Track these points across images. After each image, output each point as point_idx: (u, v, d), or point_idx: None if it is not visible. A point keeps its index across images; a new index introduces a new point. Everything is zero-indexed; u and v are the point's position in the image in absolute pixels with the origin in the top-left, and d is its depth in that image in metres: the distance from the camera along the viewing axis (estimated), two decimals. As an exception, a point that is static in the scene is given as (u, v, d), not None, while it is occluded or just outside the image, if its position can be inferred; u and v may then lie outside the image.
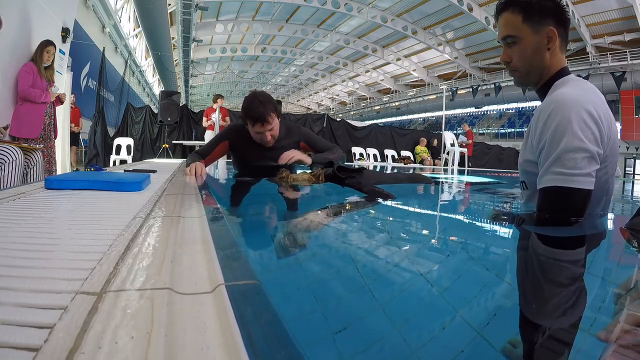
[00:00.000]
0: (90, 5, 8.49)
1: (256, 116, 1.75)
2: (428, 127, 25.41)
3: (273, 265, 0.55)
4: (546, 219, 0.90)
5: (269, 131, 1.80)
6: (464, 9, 14.92)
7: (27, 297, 0.32)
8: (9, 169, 1.85)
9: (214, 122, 6.08)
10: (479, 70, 21.62)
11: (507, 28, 0.99)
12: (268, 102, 1.77)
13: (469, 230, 0.98)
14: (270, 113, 1.77)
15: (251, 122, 1.78)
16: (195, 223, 0.64)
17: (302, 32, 19.52)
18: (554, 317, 0.40)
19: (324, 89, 31.12)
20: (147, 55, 15.09)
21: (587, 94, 0.91)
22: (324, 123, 8.52)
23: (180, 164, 2.79)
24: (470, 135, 9.44)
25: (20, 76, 2.80)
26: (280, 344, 0.28)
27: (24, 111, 2.84)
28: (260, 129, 1.78)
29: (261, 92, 1.85)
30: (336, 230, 0.82)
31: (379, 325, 0.38)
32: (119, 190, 1.01)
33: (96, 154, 6.23)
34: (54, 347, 0.24)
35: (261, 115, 1.75)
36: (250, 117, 1.77)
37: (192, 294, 0.33)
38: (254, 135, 1.83)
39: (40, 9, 3.18)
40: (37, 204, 0.79)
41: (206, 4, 12.44)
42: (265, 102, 1.76)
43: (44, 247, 0.47)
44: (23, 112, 2.83)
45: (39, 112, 2.94)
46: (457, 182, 3.05)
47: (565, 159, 0.85)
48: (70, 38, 3.78)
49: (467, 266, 0.62)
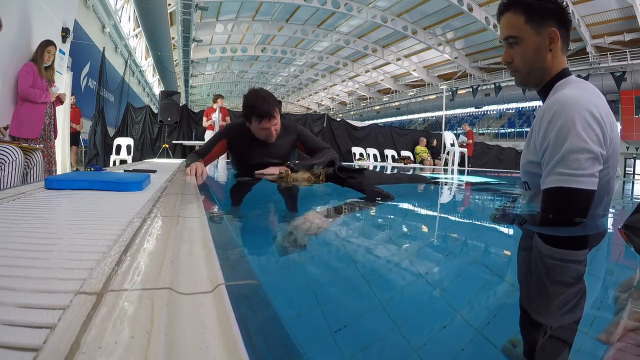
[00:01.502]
0: (90, 5, 8.49)
1: (262, 112, 1.78)
2: (428, 127, 25.40)
3: (273, 265, 0.55)
4: (549, 219, 0.90)
5: (273, 126, 1.83)
6: (464, 9, 14.91)
7: (27, 297, 0.32)
8: (9, 169, 1.85)
9: (214, 122, 6.08)
10: (479, 70, 21.61)
11: (509, 28, 0.99)
12: (270, 97, 1.81)
13: (469, 230, 0.98)
14: (275, 108, 1.81)
15: (257, 119, 1.80)
16: (195, 223, 0.64)
17: (302, 32, 19.50)
18: (555, 317, 0.40)
19: (324, 89, 31.11)
20: (147, 55, 15.09)
21: (589, 95, 0.92)
22: (324, 123, 8.52)
23: (180, 164, 2.79)
24: (471, 135, 9.44)
25: (21, 76, 2.80)
26: (280, 343, 0.28)
27: (24, 111, 2.83)
28: (267, 124, 1.81)
29: (261, 88, 1.88)
30: (336, 231, 0.82)
31: (379, 325, 0.38)
32: (119, 190, 1.01)
33: (96, 154, 6.23)
34: (54, 347, 0.24)
35: (267, 111, 1.78)
36: (256, 114, 1.79)
37: (192, 293, 0.33)
38: (258, 132, 1.85)
39: (40, 9, 3.18)
40: (37, 204, 0.79)
41: (206, 4, 12.44)
42: (268, 98, 1.80)
43: (44, 247, 0.47)
44: (23, 112, 2.83)
45: (39, 112, 2.94)
46: (457, 182, 3.05)
47: (569, 159, 0.86)
48: (70, 38, 3.78)
49: (467, 266, 0.62)
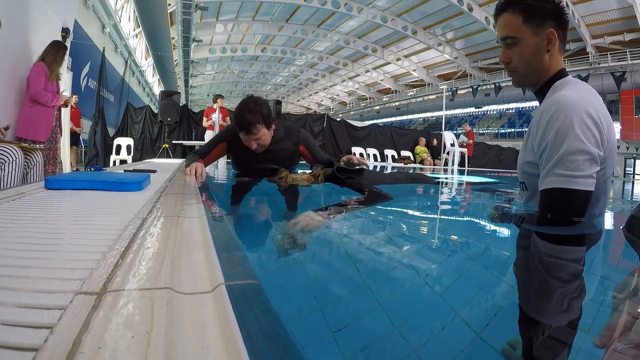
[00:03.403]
0: (90, 5, 8.49)
1: (240, 124, 1.71)
2: (428, 127, 25.39)
3: (273, 265, 0.56)
4: (546, 218, 0.90)
5: (255, 140, 1.74)
6: (464, 9, 14.91)
7: (27, 297, 0.32)
8: (9, 169, 1.85)
9: (214, 122, 6.09)
10: (479, 70, 21.61)
11: (506, 29, 1.00)
12: (257, 111, 1.69)
13: (468, 230, 0.98)
14: (256, 125, 1.69)
15: (237, 129, 1.75)
16: (195, 223, 0.64)
17: (302, 32, 19.50)
18: (554, 317, 0.40)
19: (324, 89, 31.10)
20: (147, 55, 15.08)
21: (587, 96, 0.92)
22: (324, 123, 8.52)
23: (180, 164, 2.79)
24: (471, 135, 9.43)
25: (32, 78, 2.72)
26: (280, 343, 0.28)
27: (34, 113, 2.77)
28: (244, 137, 1.74)
29: (255, 99, 1.76)
30: (335, 231, 0.82)
31: (379, 325, 0.38)
32: (119, 190, 1.01)
33: (96, 154, 6.23)
34: (54, 347, 0.24)
35: (245, 124, 1.69)
36: (236, 124, 1.75)
37: (192, 293, 0.33)
38: (243, 140, 1.78)
39: (40, 9, 3.18)
40: (37, 204, 0.79)
41: (206, 4, 12.44)
42: (254, 111, 1.68)
43: (44, 247, 0.47)
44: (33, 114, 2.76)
45: (48, 115, 2.88)
46: (457, 182, 3.05)
47: (568, 160, 0.86)
48: (70, 38, 3.77)
49: (466, 266, 0.62)
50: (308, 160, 2.04)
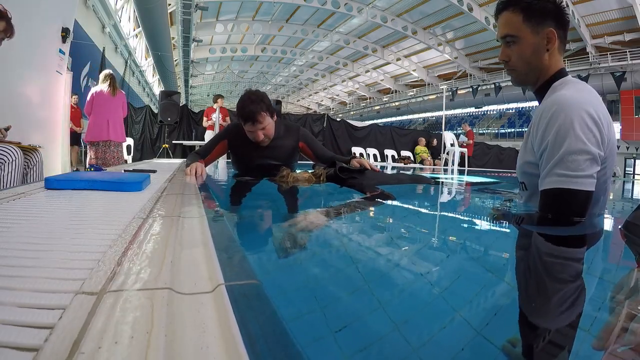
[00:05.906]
0: (90, 5, 8.48)
1: (245, 115, 1.75)
2: (428, 127, 25.40)
3: (273, 265, 0.55)
4: (547, 218, 0.90)
5: (261, 130, 1.79)
6: (464, 9, 14.91)
7: (27, 297, 0.32)
8: (8, 169, 1.85)
9: (214, 122, 6.08)
10: (479, 70, 21.61)
11: (506, 27, 1.00)
12: (260, 101, 1.76)
13: (468, 230, 0.98)
14: (261, 112, 1.75)
15: (242, 121, 1.79)
16: (195, 223, 0.64)
17: (302, 32, 19.49)
18: (553, 316, 0.40)
19: (324, 89, 31.10)
20: (147, 55, 15.07)
21: (587, 95, 0.92)
22: (324, 123, 8.52)
23: (180, 164, 2.79)
24: (471, 135, 9.43)
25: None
26: (280, 343, 0.28)
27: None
28: (251, 128, 1.78)
29: (255, 91, 1.83)
30: (336, 231, 0.82)
31: (379, 325, 0.38)
32: (119, 190, 1.01)
33: (96, 154, 6.22)
34: (54, 347, 0.24)
35: (250, 114, 1.74)
36: (241, 116, 1.78)
37: (192, 293, 0.33)
38: (248, 133, 1.83)
39: (40, 8, 3.17)
40: (37, 204, 0.79)
41: (206, 4, 12.44)
42: (256, 101, 1.74)
43: (44, 247, 0.47)
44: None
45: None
46: (457, 182, 3.05)
47: (568, 161, 0.86)
48: (70, 38, 3.77)
49: (466, 266, 0.62)
50: (310, 158, 2.05)
